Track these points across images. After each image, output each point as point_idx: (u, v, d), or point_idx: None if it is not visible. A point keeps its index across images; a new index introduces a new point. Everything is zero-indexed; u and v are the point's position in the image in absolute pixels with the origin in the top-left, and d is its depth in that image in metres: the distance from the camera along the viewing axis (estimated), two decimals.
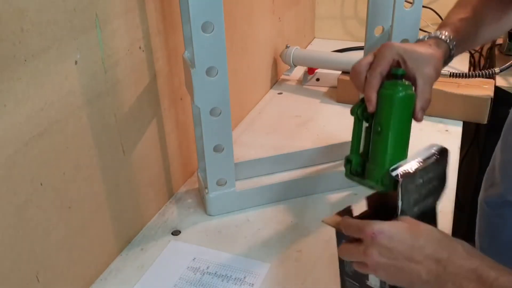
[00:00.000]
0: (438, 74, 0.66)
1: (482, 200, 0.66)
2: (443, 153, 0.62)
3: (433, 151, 0.61)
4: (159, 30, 0.85)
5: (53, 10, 0.62)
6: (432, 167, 0.60)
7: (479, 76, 1.22)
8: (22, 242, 0.62)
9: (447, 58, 0.70)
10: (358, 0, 1.70)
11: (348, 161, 0.65)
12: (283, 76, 1.49)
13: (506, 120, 0.64)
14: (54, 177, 0.66)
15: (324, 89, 1.42)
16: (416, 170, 0.58)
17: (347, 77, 1.30)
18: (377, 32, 0.90)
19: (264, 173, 1.00)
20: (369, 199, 0.62)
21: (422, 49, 0.65)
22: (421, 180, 0.59)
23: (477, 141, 1.52)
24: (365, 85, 0.63)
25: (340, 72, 1.33)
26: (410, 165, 0.58)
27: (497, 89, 1.24)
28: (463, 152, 1.44)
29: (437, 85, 1.23)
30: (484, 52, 1.59)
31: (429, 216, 0.63)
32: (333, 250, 0.83)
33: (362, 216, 0.62)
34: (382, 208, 0.61)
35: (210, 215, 0.92)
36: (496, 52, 1.50)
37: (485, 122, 1.19)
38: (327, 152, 1.03)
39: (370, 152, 0.63)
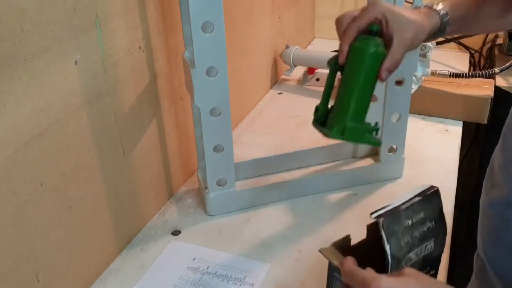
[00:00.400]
0: (417, 42, 0.66)
1: (483, 202, 0.65)
2: (432, 192, 0.61)
3: (418, 190, 0.61)
4: (159, 30, 0.85)
5: (53, 10, 0.62)
6: (421, 207, 0.59)
7: (479, 76, 1.22)
8: (22, 242, 0.62)
9: (438, 31, 0.70)
10: (358, 0, 1.70)
11: (316, 110, 0.68)
12: (283, 76, 1.49)
13: (506, 121, 0.64)
14: (54, 177, 0.66)
15: None
16: (397, 210, 0.57)
17: None
18: None
19: (264, 173, 1.00)
20: (369, 227, 0.61)
21: (409, 14, 0.65)
22: (409, 222, 0.58)
23: (477, 141, 1.52)
24: (341, 37, 0.65)
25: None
26: (392, 206, 0.58)
27: (497, 89, 1.24)
28: (463, 152, 1.44)
29: (437, 85, 1.24)
30: (484, 52, 1.59)
31: (431, 264, 0.62)
32: None
33: (360, 245, 0.61)
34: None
35: (210, 215, 0.92)
36: (496, 52, 1.50)
37: (485, 122, 1.19)
38: (327, 152, 1.03)
39: (334, 102, 0.66)
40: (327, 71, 1.43)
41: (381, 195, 0.93)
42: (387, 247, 0.55)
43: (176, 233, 0.88)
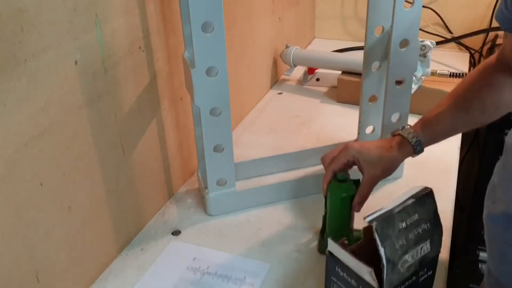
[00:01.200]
0: (389, 173, 0.77)
1: (486, 219, 0.66)
2: (426, 193, 0.62)
3: (412, 193, 0.61)
4: (159, 30, 0.85)
5: (53, 10, 0.62)
6: (414, 209, 0.60)
7: None
8: (22, 242, 0.62)
9: (416, 153, 0.78)
10: (358, 0, 1.70)
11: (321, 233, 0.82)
12: (283, 76, 1.49)
13: (506, 138, 0.64)
14: (54, 177, 0.66)
15: (324, 89, 1.42)
16: (391, 213, 0.57)
17: (347, 77, 1.30)
18: (377, 32, 0.90)
19: (264, 173, 1.00)
20: (365, 230, 0.62)
21: (377, 151, 0.76)
22: (403, 224, 0.58)
23: (477, 141, 1.52)
24: (324, 176, 0.77)
25: (340, 72, 1.33)
26: (385, 209, 0.58)
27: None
28: (463, 152, 1.44)
29: (437, 85, 1.24)
30: (484, 52, 1.59)
31: (429, 265, 0.62)
32: None
33: (357, 247, 0.62)
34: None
35: (210, 215, 0.92)
36: (496, 52, 1.49)
37: None
38: (327, 152, 1.03)
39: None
40: (327, 71, 1.44)
41: (381, 195, 0.92)
42: (382, 250, 0.55)
43: (176, 233, 0.88)
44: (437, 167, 1.04)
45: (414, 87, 1.15)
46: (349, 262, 0.59)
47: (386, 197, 0.94)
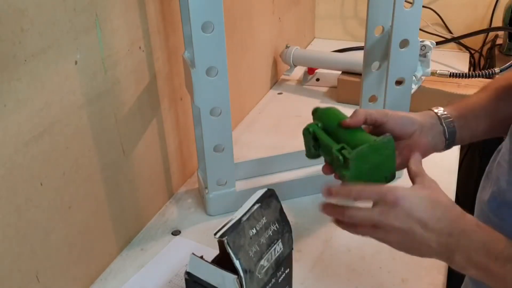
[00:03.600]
0: (405, 126, 0.67)
1: (480, 199, 0.66)
2: (269, 195, 0.63)
3: (256, 197, 0.62)
4: (159, 30, 0.85)
5: (53, 10, 0.62)
6: (262, 213, 0.61)
7: (479, 76, 1.22)
8: (22, 242, 0.62)
9: (446, 134, 0.69)
10: (358, 0, 1.70)
11: (341, 149, 0.63)
12: (283, 76, 1.49)
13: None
14: (54, 177, 0.66)
15: (324, 89, 1.42)
16: (239, 223, 0.58)
17: (347, 77, 1.30)
18: (377, 32, 0.90)
19: (264, 173, 1.00)
20: (220, 242, 0.61)
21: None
22: (253, 231, 0.59)
23: (477, 141, 1.52)
24: None
25: (340, 72, 1.33)
26: (233, 220, 0.59)
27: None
28: (463, 152, 1.44)
29: (437, 85, 1.24)
30: (484, 52, 1.59)
31: (285, 263, 0.64)
32: (333, 250, 0.83)
33: (215, 260, 0.62)
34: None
35: (210, 215, 0.92)
36: (496, 52, 1.50)
37: None
38: None
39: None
40: (327, 71, 1.44)
41: None
42: (237, 262, 0.56)
43: (176, 233, 0.88)
44: (437, 167, 1.04)
45: (414, 87, 1.15)
46: (211, 276, 0.59)
47: None
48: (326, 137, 0.66)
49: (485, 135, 0.70)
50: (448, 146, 0.70)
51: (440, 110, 0.70)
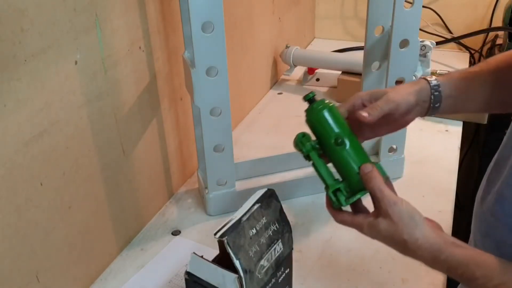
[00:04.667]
0: (400, 103, 0.65)
1: (479, 197, 0.66)
2: (269, 195, 0.63)
3: (256, 197, 0.62)
4: (159, 30, 0.85)
5: (53, 10, 0.62)
6: (261, 213, 0.61)
7: None
8: (22, 242, 0.62)
9: (432, 100, 0.67)
10: (358, 0, 1.70)
11: (336, 191, 0.61)
12: (283, 76, 1.49)
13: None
14: (54, 177, 0.66)
15: (324, 89, 1.42)
16: (239, 223, 0.58)
17: (347, 77, 1.30)
18: (377, 32, 0.90)
19: (264, 173, 1.00)
20: (220, 242, 0.61)
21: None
22: (253, 231, 0.59)
23: (477, 141, 1.52)
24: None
25: (340, 72, 1.33)
26: (233, 220, 0.59)
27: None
28: (463, 152, 1.44)
29: None
30: (484, 52, 1.59)
31: (285, 263, 0.64)
32: (333, 250, 0.83)
33: (215, 260, 0.62)
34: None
35: (210, 215, 0.92)
36: (496, 52, 1.49)
37: (485, 122, 1.19)
38: None
39: (339, 171, 0.62)
40: (327, 71, 1.44)
41: None
42: (237, 262, 0.56)
43: (176, 233, 0.88)
44: (437, 167, 1.04)
45: None
46: (211, 276, 0.59)
47: None
48: (320, 164, 0.62)
49: (479, 108, 0.69)
50: (431, 113, 0.69)
51: (433, 80, 0.67)
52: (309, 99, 0.64)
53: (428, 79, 0.67)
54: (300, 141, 0.63)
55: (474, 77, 0.67)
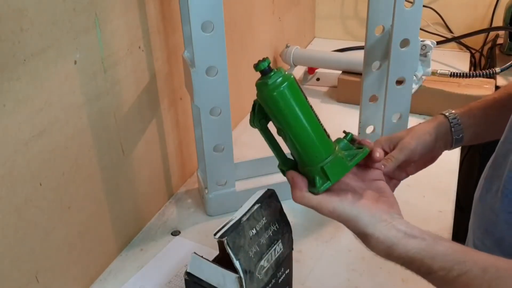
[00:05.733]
0: (422, 153, 0.67)
1: (478, 195, 0.66)
2: (269, 195, 0.63)
3: (256, 198, 0.62)
4: (159, 30, 0.85)
5: (53, 10, 0.62)
6: (261, 213, 0.60)
7: (480, 76, 1.22)
8: (22, 242, 0.62)
9: (454, 135, 0.68)
10: (358, 0, 1.70)
11: (282, 171, 0.59)
12: None
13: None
14: (53, 177, 0.66)
15: (324, 89, 1.41)
16: (239, 223, 0.58)
17: (347, 77, 1.30)
18: (378, 31, 0.90)
19: (264, 173, 1.00)
20: (219, 242, 0.61)
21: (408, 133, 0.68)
22: (253, 231, 0.59)
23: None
24: None
25: (340, 71, 1.33)
26: (233, 221, 0.58)
27: (498, 89, 1.24)
28: (464, 152, 1.44)
29: (437, 85, 1.24)
30: (485, 52, 1.58)
31: (285, 264, 0.64)
32: (333, 250, 0.83)
33: (215, 260, 0.62)
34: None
35: (210, 215, 0.92)
36: (497, 51, 1.49)
37: None
38: None
39: (294, 157, 0.57)
40: (327, 70, 1.44)
41: None
42: (237, 263, 0.56)
43: (175, 233, 0.87)
44: (438, 167, 1.03)
45: (415, 87, 1.15)
46: (212, 276, 0.59)
47: None
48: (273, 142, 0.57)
49: (488, 137, 0.70)
50: (456, 145, 0.70)
51: (451, 113, 0.69)
52: (263, 70, 0.54)
53: (446, 113, 0.69)
54: (251, 116, 0.58)
55: (492, 105, 0.69)
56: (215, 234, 0.57)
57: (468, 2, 1.57)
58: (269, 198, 0.63)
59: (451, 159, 1.06)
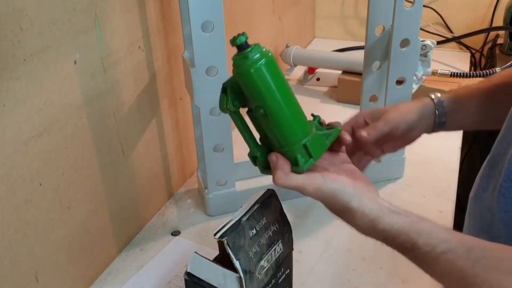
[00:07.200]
0: (403, 121, 0.65)
1: (472, 194, 0.66)
2: (269, 195, 0.62)
3: (256, 198, 0.62)
4: (159, 30, 0.85)
5: (53, 10, 0.62)
6: (261, 213, 0.60)
7: (480, 76, 1.22)
8: (21, 242, 0.62)
9: (438, 117, 0.67)
10: (358, 0, 1.70)
11: (253, 158, 0.57)
12: None
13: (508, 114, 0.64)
14: (53, 177, 0.66)
15: (325, 89, 1.41)
16: (239, 223, 0.58)
17: (347, 77, 1.30)
18: (378, 31, 0.90)
19: None
20: (219, 242, 0.61)
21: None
22: (253, 231, 0.59)
23: (478, 141, 1.52)
24: None
25: (340, 71, 1.33)
26: (233, 221, 0.58)
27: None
28: (464, 152, 1.44)
29: (438, 85, 1.24)
30: (485, 52, 1.58)
31: (285, 264, 0.63)
32: (333, 250, 0.83)
33: (215, 260, 0.62)
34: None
35: (210, 215, 0.92)
36: (497, 51, 1.49)
37: None
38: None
39: (271, 138, 0.55)
40: (327, 70, 1.44)
41: (382, 195, 0.92)
42: (237, 263, 0.56)
43: (175, 233, 0.87)
44: (438, 167, 1.04)
45: (415, 87, 1.15)
46: (212, 276, 0.59)
47: (386, 197, 0.94)
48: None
49: (475, 126, 0.70)
50: (437, 129, 0.69)
51: (437, 96, 0.68)
52: (239, 45, 0.53)
53: (432, 96, 0.68)
54: (221, 99, 0.55)
55: (480, 94, 0.68)
56: (215, 234, 0.57)
57: (468, 2, 1.57)
58: (269, 198, 0.63)
59: (451, 159, 1.06)
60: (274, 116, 0.52)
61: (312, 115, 0.60)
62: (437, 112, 0.67)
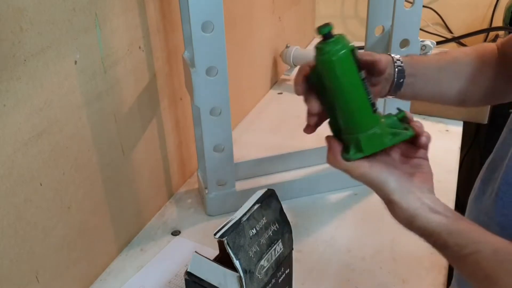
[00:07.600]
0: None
1: (472, 197, 0.66)
2: (269, 195, 0.63)
3: (256, 198, 0.62)
4: (159, 30, 0.85)
5: (53, 10, 0.62)
6: (261, 213, 0.61)
7: None
8: (22, 242, 0.62)
9: (395, 70, 0.66)
10: (358, 0, 1.70)
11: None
12: (283, 76, 1.49)
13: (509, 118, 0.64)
14: (53, 177, 0.66)
15: None
16: (239, 223, 0.58)
17: None
18: (378, 31, 0.90)
19: (264, 173, 1.00)
20: (219, 242, 0.61)
21: None
22: (253, 231, 0.59)
23: (478, 141, 1.52)
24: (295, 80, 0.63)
25: None
26: (233, 220, 0.58)
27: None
28: (464, 152, 1.44)
29: None
30: None
31: (285, 264, 0.64)
32: (333, 250, 0.83)
33: (215, 260, 0.62)
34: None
35: (210, 215, 0.92)
36: None
37: (486, 122, 1.19)
38: (326, 152, 1.03)
39: (342, 125, 0.58)
40: None
41: None
42: (237, 263, 0.56)
43: (175, 233, 0.87)
44: (438, 167, 1.03)
45: None
46: (212, 275, 0.59)
47: None
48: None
49: (431, 95, 0.70)
50: (393, 91, 0.68)
51: (396, 56, 0.67)
52: (325, 34, 0.54)
53: (392, 55, 0.66)
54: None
55: (436, 65, 0.68)
56: (215, 234, 0.57)
57: (468, 2, 1.57)
58: (269, 198, 0.63)
59: (451, 159, 1.06)
60: (340, 104, 0.57)
61: (398, 109, 0.63)
62: (396, 70, 0.66)
